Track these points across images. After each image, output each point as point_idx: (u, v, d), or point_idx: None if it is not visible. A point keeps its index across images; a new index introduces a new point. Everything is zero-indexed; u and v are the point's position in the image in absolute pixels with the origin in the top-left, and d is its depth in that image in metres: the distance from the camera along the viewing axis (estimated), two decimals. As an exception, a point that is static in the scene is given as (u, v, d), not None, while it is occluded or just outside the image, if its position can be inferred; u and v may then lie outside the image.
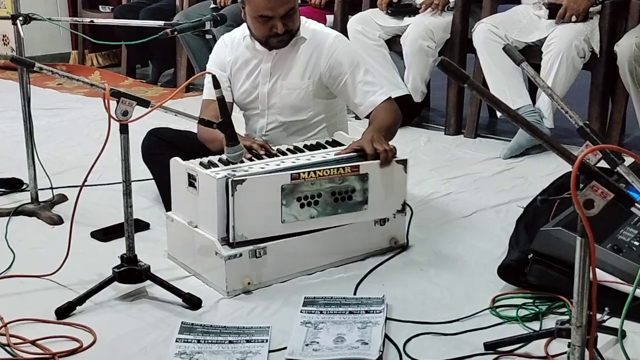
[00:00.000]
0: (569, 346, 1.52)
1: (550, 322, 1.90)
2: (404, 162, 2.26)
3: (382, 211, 2.27)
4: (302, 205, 2.13)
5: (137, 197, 2.62)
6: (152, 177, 2.73)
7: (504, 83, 3.43)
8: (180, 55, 4.82)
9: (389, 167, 2.22)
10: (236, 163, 2.17)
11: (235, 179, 2.05)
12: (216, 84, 2.05)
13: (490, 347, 1.81)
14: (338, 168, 2.15)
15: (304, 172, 2.12)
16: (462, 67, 3.79)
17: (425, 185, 3.00)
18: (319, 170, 2.13)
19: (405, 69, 3.89)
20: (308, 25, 2.55)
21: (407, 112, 3.90)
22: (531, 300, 2.03)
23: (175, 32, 2.44)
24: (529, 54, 3.39)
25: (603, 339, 1.75)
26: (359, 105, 2.51)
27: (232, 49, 2.62)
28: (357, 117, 3.94)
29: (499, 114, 3.66)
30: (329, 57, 2.51)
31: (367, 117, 2.54)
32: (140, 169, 2.73)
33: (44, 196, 2.75)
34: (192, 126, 2.73)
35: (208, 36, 4.59)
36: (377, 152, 2.21)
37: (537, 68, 3.34)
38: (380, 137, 2.27)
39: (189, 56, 4.67)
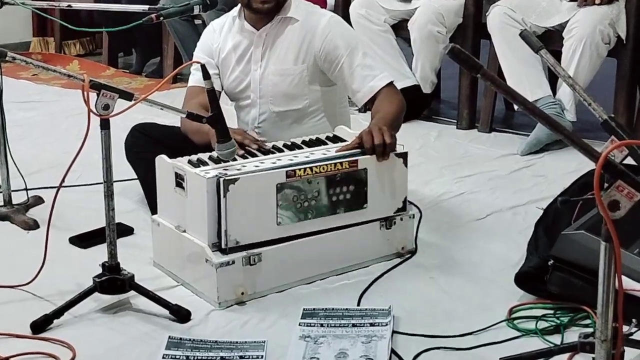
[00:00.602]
0: (593, 362, 1.51)
1: (572, 336, 1.90)
2: (403, 156, 2.27)
3: (383, 210, 2.27)
4: (298, 205, 2.13)
5: (119, 199, 2.62)
6: (136, 177, 2.73)
7: (522, 72, 3.43)
8: (167, 42, 4.81)
9: (389, 161, 2.23)
10: (228, 161, 2.17)
11: (227, 178, 2.05)
12: (206, 75, 2.05)
13: (507, 362, 1.80)
14: (335, 163, 2.17)
15: (299, 169, 2.12)
16: (476, 54, 3.80)
17: (435, 185, 3.00)
18: (316, 167, 2.14)
19: (413, 56, 3.89)
20: (301, 6, 2.55)
21: (416, 104, 3.91)
22: (552, 311, 2.03)
23: (161, 18, 2.44)
24: (549, 40, 3.38)
25: (630, 353, 1.75)
26: (357, 92, 2.51)
27: (221, 34, 2.62)
28: (360, 110, 3.95)
29: (516, 106, 3.65)
30: (324, 39, 2.51)
31: (368, 108, 2.53)
32: (123, 168, 2.73)
33: (17, 198, 2.75)
34: (178, 121, 2.73)
35: (197, 21, 4.59)
36: (374, 142, 2.21)
37: (557, 55, 3.33)
38: (383, 129, 2.27)
39: (176, 44, 4.66)
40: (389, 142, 2.22)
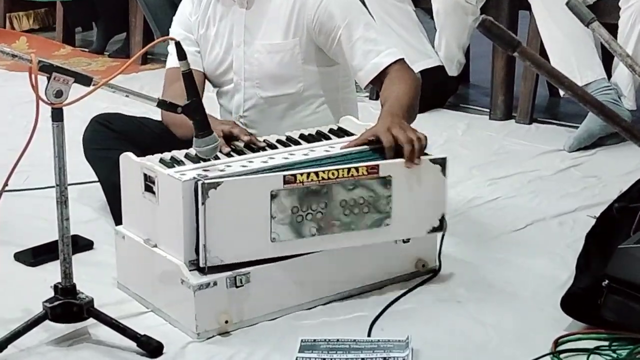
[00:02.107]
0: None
1: (632, 373, 1.90)
2: (441, 162, 2.24)
3: (412, 228, 2.26)
4: (298, 219, 2.12)
5: (76, 206, 2.63)
6: (97, 179, 2.73)
7: (569, 50, 3.43)
8: (135, 15, 4.82)
9: (422, 168, 2.21)
10: (209, 160, 2.17)
11: (207, 181, 2.05)
12: (181, 54, 2.05)
13: (552, 406, 1.80)
14: (349, 168, 2.14)
15: (301, 174, 2.11)
16: (513, 29, 3.79)
17: (463, 188, 3.00)
18: (323, 171, 2.12)
19: (437, 32, 3.89)
20: None
21: (440, 89, 3.91)
22: (606, 343, 2.02)
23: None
24: (602, 11, 3.38)
25: None
26: (358, 70, 2.50)
27: (200, 5, 2.63)
28: (371, 96, 3.95)
29: (562, 92, 3.64)
30: (317, 6, 2.51)
31: (378, 89, 2.51)
32: (81, 168, 2.73)
33: (-49, 205, 2.75)
34: (149, 110, 2.73)
35: (172, -11, 4.59)
36: (399, 142, 2.19)
37: (613, 30, 3.32)
38: (402, 121, 2.26)
39: (146, 16, 4.66)
40: (420, 139, 2.19)
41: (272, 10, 2.55)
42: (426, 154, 2.24)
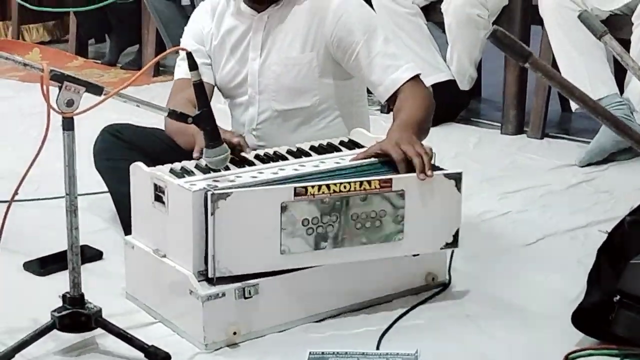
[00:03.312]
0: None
1: (643, 389, 1.88)
2: (456, 177, 2.22)
3: (425, 243, 2.25)
4: (309, 232, 2.12)
5: (86, 216, 2.63)
6: (107, 189, 2.73)
7: (581, 65, 3.42)
8: (148, 27, 4.83)
9: (436, 183, 2.19)
10: (219, 170, 2.16)
11: (217, 191, 2.04)
12: (192, 64, 2.05)
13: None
14: (362, 182, 2.13)
15: (312, 186, 2.10)
16: (525, 44, 3.77)
17: (474, 202, 2.98)
18: (334, 184, 2.11)
19: (449, 46, 3.88)
20: None
21: (451, 103, 3.90)
22: (618, 359, 2.01)
23: (139, -5, 2.44)
24: (615, 26, 3.36)
25: None
26: (378, 85, 2.51)
27: (214, 17, 2.62)
28: (382, 110, 3.94)
29: (573, 106, 3.63)
30: (336, 21, 2.50)
31: (391, 106, 2.51)
32: (92, 178, 2.73)
33: (-38, 214, 2.75)
34: (160, 121, 2.73)
35: (184, 2, 4.60)
36: (407, 157, 2.19)
37: (625, 45, 3.31)
38: (411, 136, 2.26)
39: (158, 28, 4.68)
40: (427, 154, 2.19)
41: (290, 24, 2.54)
42: (441, 169, 2.23)
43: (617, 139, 3.30)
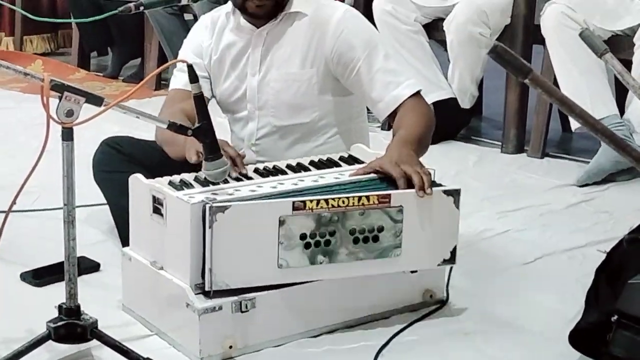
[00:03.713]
0: None
1: (641, 410, 1.87)
2: (454, 194, 2.22)
3: (422, 260, 2.24)
4: (307, 246, 2.11)
5: (84, 228, 2.63)
6: (105, 201, 2.72)
7: (582, 84, 3.42)
8: (150, 41, 4.84)
9: (435, 200, 2.19)
10: (218, 183, 2.16)
11: (215, 204, 2.04)
12: (193, 77, 2.05)
13: None
14: (360, 197, 2.13)
15: (310, 200, 2.10)
16: (527, 62, 3.79)
17: (474, 220, 2.98)
18: (333, 199, 2.11)
19: (450, 63, 3.89)
20: None
21: (452, 121, 3.90)
22: (615, 379, 2.00)
23: (142, 8, 2.45)
24: (617, 46, 3.38)
25: None
26: (378, 101, 2.50)
27: (214, 32, 2.63)
28: (382, 127, 3.94)
29: (573, 126, 3.63)
30: (337, 37, 2.51)
31: (391, 122, 2.52)
32: (91, 190, 2.73)
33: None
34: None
35: (187, 16, 4.62)
36: (407, 176, 2.18)
37: (627, 66, 3.31)
38: (411, 154, 2.25)
39: (161, 42, 4.69)
40: (426, 174, 2.18)
41: (289, 40, 2.55)
42: (439, 185, 2.23)
43: (616, 159, 3.30)
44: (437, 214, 2.21)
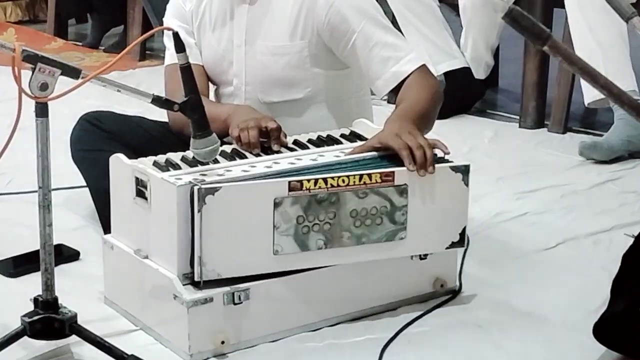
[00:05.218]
0: None
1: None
2: (463, 170, 2.23)
3: (429, 243, 2.25)
4: (304, 230, 2.12)
5: (62, 213, 2.63)
6: (85, 183, 2.73)
7: (599, 56, 3.40)
8: (133, 6, 4.85)
9: (441, 177, 2.19)
10: (208, 163, 2.16)
11: (204, 186, 2.04)
12: (179, 46, 2.04)
13: None
14: (361, 175, 2.13)
15: (308, 180, 2.10)
16: (547, 28, 3.78)
17: (488, 202, 2.99)
18: (331, 178, 2.12)
19: (463, 30, 3.88)
20: None
21: (465, 93, 3.91)
22: (643, 376, 2.01)
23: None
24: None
25: None
26: (376, 79, 2.49)
27: None
28: (389, 100, 3.94)
29: (587, 99, 3.58)
30: (329, 7, 2.49)
31: (394, 96, 2.51)
32: (69, 171, 2.74)
33: None
34: (146, 110, 2.73)
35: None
36: (410, 149, 2.17)
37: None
38: (411, 126, 2.25)
39: (145, 8, 4.68)
40: (430, 147, 2.18)
41: (277, 9, 2.53)
42: (447, 161, 2.23)
43: (628, 139, 3.32)
44: (445, 192, 2.22)
